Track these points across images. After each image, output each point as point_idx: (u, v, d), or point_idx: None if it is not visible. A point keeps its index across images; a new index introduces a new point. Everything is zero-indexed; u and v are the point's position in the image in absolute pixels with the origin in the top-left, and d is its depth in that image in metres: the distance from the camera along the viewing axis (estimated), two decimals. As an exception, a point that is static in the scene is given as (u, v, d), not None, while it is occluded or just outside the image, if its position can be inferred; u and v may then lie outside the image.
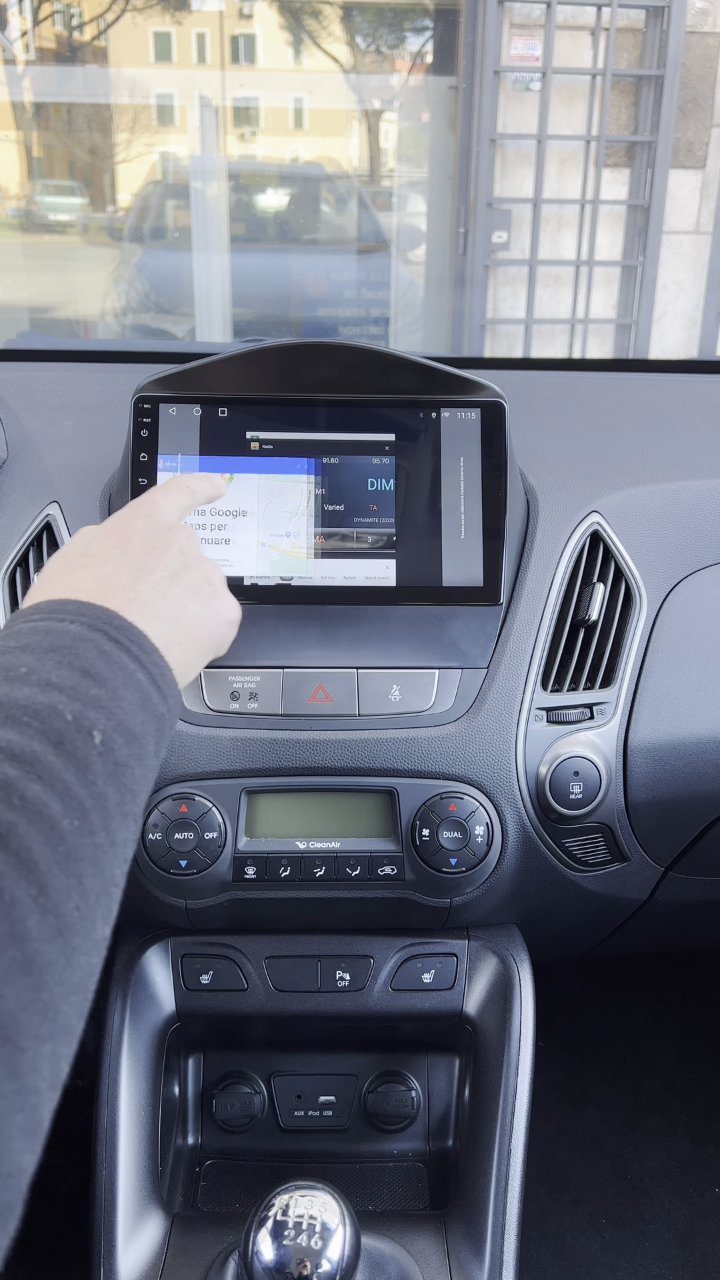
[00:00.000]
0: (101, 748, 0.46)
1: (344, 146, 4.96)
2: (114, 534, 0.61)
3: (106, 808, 0.45)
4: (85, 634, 0.51)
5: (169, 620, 0.57)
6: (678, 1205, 1.33)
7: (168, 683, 0.54)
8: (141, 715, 0.50)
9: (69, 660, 0.49)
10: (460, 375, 0.91)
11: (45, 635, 0.50)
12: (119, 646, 0.52)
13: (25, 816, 0.41)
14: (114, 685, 0.49)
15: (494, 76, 4.02)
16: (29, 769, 0.43)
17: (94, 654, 0.50)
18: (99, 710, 0.47)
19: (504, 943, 0.96)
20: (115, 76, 4.82)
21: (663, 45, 4.03)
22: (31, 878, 0.40)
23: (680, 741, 0.88)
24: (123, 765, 0.47)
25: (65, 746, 0.45)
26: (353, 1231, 0.72)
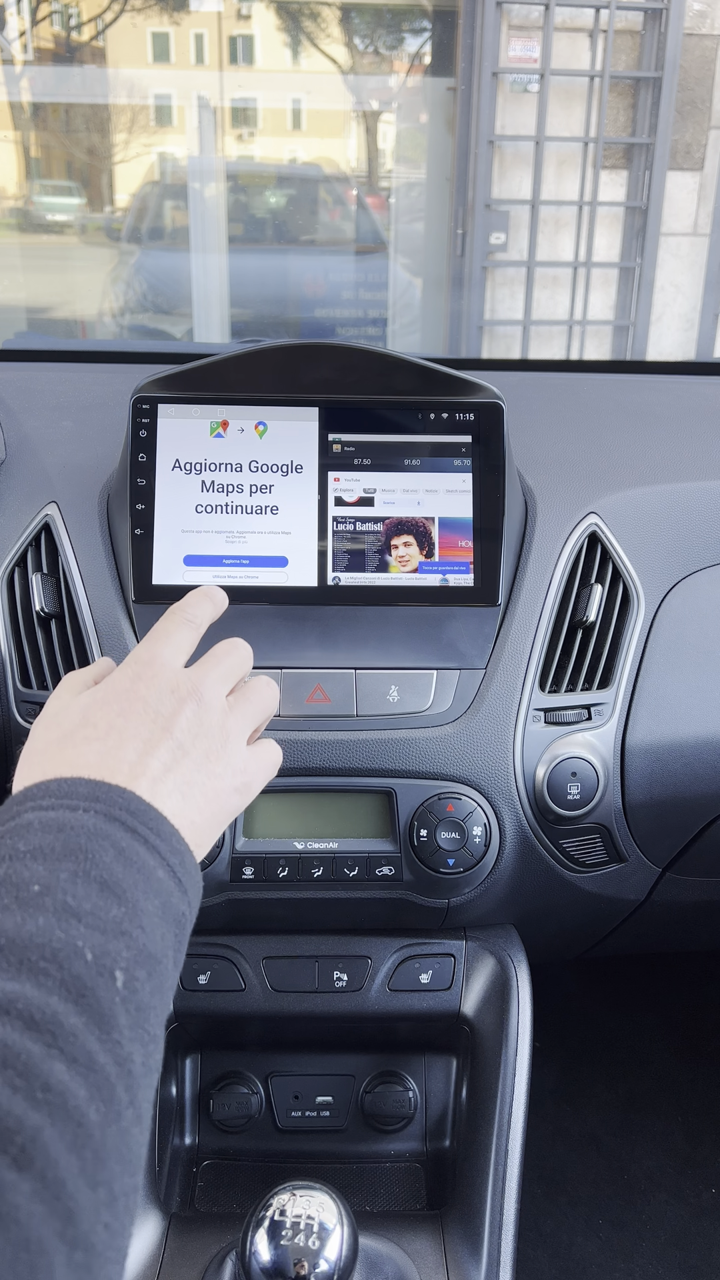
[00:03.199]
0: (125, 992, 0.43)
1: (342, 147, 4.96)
2: (115, 699, 0.56)
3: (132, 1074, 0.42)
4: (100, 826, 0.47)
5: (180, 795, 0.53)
6: (674, 1206, 1.33)
7: (188, 872, 0.50)
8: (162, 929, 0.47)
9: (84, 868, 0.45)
10: (458, 376, 0.91)
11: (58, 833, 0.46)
12: (136, 839, 0.48)
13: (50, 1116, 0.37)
14: (134, 897, 0.46)
15: (492, 78, 4.02)
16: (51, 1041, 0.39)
17: (111, 856, 0.46)
18: (120, 938, 0.44)
19: (501, 943, 0.96)
20: (113, 77, 4.82)
21: (661, 47, 4.03)
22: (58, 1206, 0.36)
23: (678, 742, 0.88)
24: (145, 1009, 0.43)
25: (87, 999, 0.41)
26: (350, 1231, 0.72)
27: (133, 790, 0.50)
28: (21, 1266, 0.34)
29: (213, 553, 0.88)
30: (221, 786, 0.57)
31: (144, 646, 0.61)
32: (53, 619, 0.87)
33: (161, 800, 0.51)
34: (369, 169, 4.92)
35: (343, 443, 0.90)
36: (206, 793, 0.55)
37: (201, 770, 0.55)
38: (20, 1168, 0.36)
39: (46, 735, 0.56)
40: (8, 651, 0.86)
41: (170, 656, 0.60)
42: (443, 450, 0.91)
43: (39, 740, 0.56)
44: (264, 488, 0.89)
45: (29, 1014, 0.39)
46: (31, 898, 0.43)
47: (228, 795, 0.57)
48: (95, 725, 0.55)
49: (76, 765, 0.52)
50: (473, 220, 4.19)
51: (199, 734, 0.57)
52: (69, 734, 0.55)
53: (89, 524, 0.91)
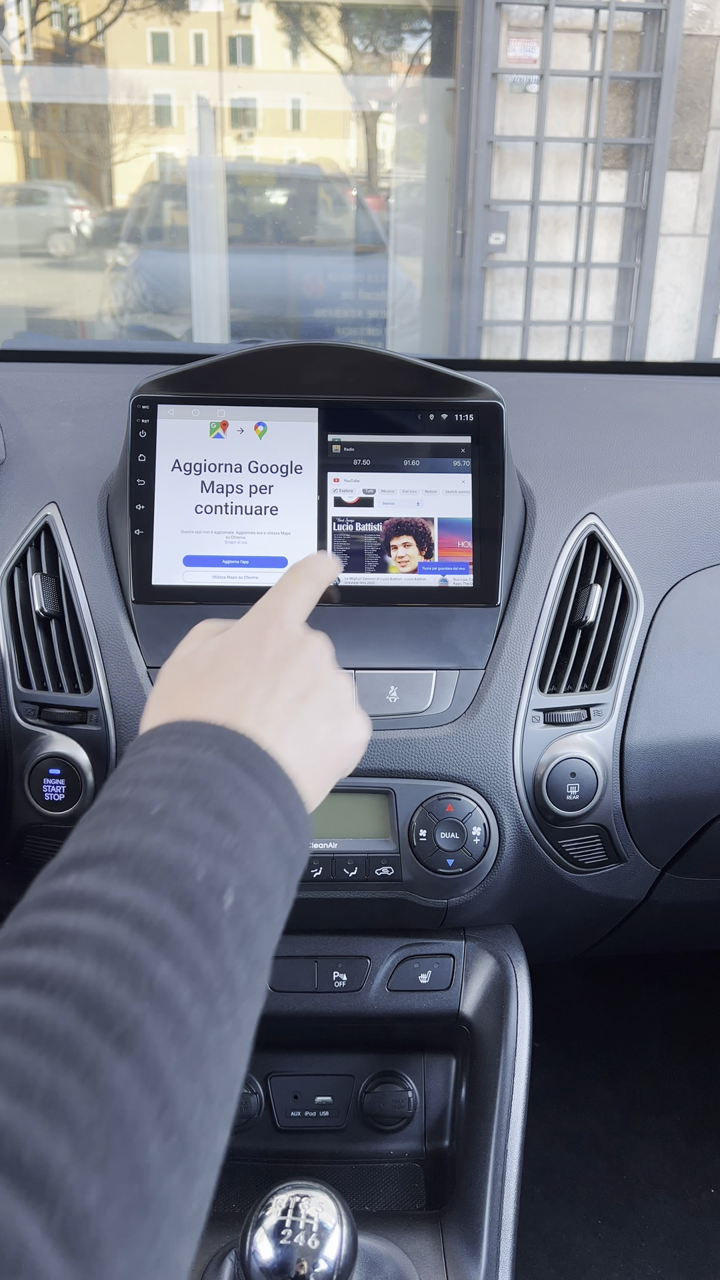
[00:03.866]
0: (232, 913, 0.43)
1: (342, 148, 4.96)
2: (245, 645, 0.58)
3: (235, 987, 0.42)
4: (220, 764, 0.48)
5: (301, 746, 0.54)
6: (674, 1206, 1.33)
7: (302, 821, 0.51)
8: (273, 863, 0.47)
9: (202, 799, 0.46)
10: (458, 377, 0.91)
11: (180, 765, 0.48)
12: (255, 780, 0.49)
13: (153, 1007, 0.38)
14: (248, 830, 0.47)
15: (492, 78, 4.02)
16: (159, 943, 0.40)
17: (229, 791, 0.47)
18: (232, 863, 0.45)
19: (501, 943, 0.96)
20: (113, 77, 4.82)
21: (660, 48, 4.04)
22: (156, 1091, 0.36)
23: (677, 743, 0.88)
24: (251, 933, 0.44)
25: (196, 912, 0.42)
26: (349, 1231, 0.72)
27: (255, 737, 0.51)
28: (116, 1142, 0.34)
29: (212, 553, 0.88)
30: (341, 741, 0.58)
31: (270, 598, 0.62)
32: (52, 619, 0.87)
33: (283, 749, 0.52)
34: (368, 169, 4.92)
35: (342, 443, 0.90)
36: (325, 747, 0.56)
37: (324, 724, 0.57)
38: (120, 1051, 0.36)
39: (176, 678, 0.57)
40: (7, 652, 0.87)
41: (294, 610, 0.61)
42: (442, 451, 0.91)
43: (169, 683, 0.57)
44: (263, 488, 0.89)
45: (139, 916, 0.40)
46: (151, 819, 0.45)
47: (345, 750, 0.59)
48: (224, 670, 0.56)
49: (205, 707, 0.53)
50: (472, 221, 4.19)
51: (321, 689, 0.58)
52: (198, 677, 0.56)
53: (89, 524, 0.91)
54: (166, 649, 0.86)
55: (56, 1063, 0.35)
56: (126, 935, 0.39)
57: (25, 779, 0.84)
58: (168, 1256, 0.35)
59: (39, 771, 0.83)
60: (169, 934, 0.40)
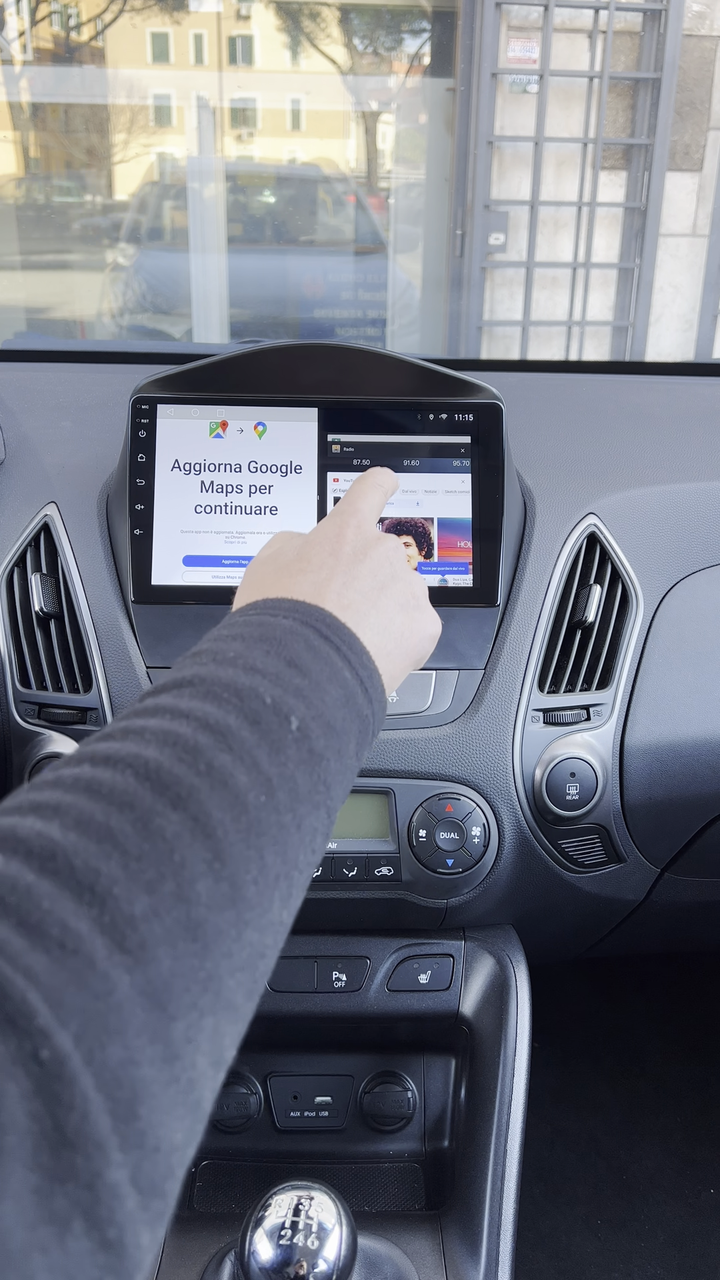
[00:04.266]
0: (298, 734, 0.46)
1: (341, 148, 4.96)
2: (327, 540, 0.61)
3: (296, 790, 0.44)
4: (296, 628, 0.51)
5: (378, 630, 0.57)
6: (673, 1206, 1.33)
7: (375, 687, 0.53)
8: (344, 712, 0.50)
9: (276, 650, 0.49)
10: (457, 377, 0.91)
11: (257, 627, 0.51)
12: (329, 643, 0.52)
13: (210, 783, 0.41)
14: (318, 678, 0.49)
15: (491, 78, 4.02)
16: (221, 739, 0.43)
17: (302, 647, 0.50)
18: (300, 699, 0.47)
19: (500, 943, 0.96)
20: (113, 77, 4.82)
21: (660, 48, 4.04)
22: (209, 843, 0.39)
23: (676, 743, 0.88)
24: (318, 755, 0.46)
25: (261, 726, 0.44)
26: (349, 1232, 0.72)
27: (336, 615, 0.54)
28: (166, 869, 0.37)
29: (212, 553, 0.88)
30: (416, 630, 0.61)
31: (346, 501, 0.65)
32: (52, 619, 0.87)
33: (361, 630, 0.55)
34: (368, 169, 4.92)
35: (342, 443, 0.90)
36: (403, 633, 0.59)
37: (400, 613, 0.60)
38: (174, 806, 0.39)
39: (263, 569, 0.60)
40: (7, 652, 0.86)
41: (368, 511, 0.65)
42: (442, 451, 0.91)
43: (255, 573, 0.60)
44: (263, 488, 0.89)
45: (205, 720, 0.43)
46: (225, 659, 0.48)
47: (419, 640, 0.61)
48: (309, 560, 0.59)
49: (290, 590, 0.56)
50: (472, 221, 4.19)
51: (398, 581, 0.61)
52: (284, 567, 0.59)
53: (88, 524, 0.91)
54: (166, 649, 0.86)
55: (112, 809, 0.38)
56: (191, 731, 0.42)
57: (25, 779, 0.84)
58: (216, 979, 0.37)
59: (38, 771, 0.83)
60: (232, 734, 0.43)
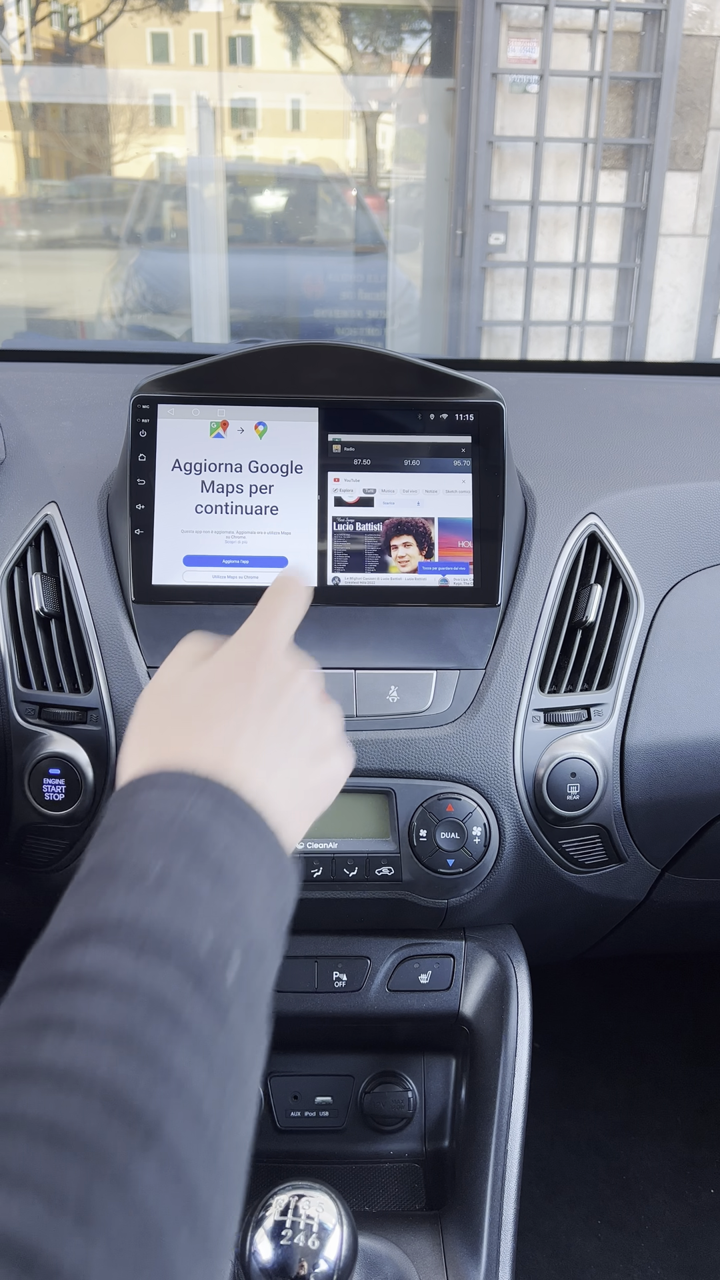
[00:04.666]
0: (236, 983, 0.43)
1: (341, 148, 4.96)
2: (237, 679, 0.56)
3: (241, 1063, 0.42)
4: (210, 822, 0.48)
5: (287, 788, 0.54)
6: (673, 1207, 1.33)
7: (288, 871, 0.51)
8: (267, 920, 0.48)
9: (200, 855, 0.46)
10: (458, 377, 0.91)
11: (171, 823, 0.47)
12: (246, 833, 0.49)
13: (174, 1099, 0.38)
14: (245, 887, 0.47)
15: (491, 79, 4.02)
16: (173, 1025, 0.40)
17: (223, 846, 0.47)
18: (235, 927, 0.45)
19: (501, 944, 0.96)
20: (113, 77, 4.82)
21: (660, 48, 4.04)
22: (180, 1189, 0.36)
23: (677, 743, 0.88)
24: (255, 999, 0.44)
25: (205, 987, 0.42)
26: (350, 1232, 0.72)
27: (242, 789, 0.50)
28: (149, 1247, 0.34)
29: (213, 553, 0.88)
30: (324, 780, 0.58)
31: (255, 625, 0.60)
32: (52, 619, 0.87)
33: (269, 798, 0.51)
34: (368, 169, 4.92)
35: (342, 443, 0.90)
36: (311, 787, 0.56)
37: (311, 763, 0.56)
38: (147, 1149, 0.36)
39: (161, 713, 0.56)
40: (7, 652, 0.86)
41: (280, 637, 0.60)
42: (442, 451, 0.91)
43: (153, 715, 0.56)
44: (264, 488, 0.89)
45: (153, 996, 0.40)
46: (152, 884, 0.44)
47: (326, 789, 0.58)
48: (217, 707, 0.54)
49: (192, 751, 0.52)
50: (472, 221, 4.19)
51: (309, 727, 0.57)
52: (184, 715, 0.55)
53: (89, 524, 0.91)
54: (167, 648, 0.86)
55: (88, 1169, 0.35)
56: (142, 1020, 0.39)
57: (25, 779, 0.84)
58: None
59: (39, 771, 0.83)
60: (182, 1013, 0.40)
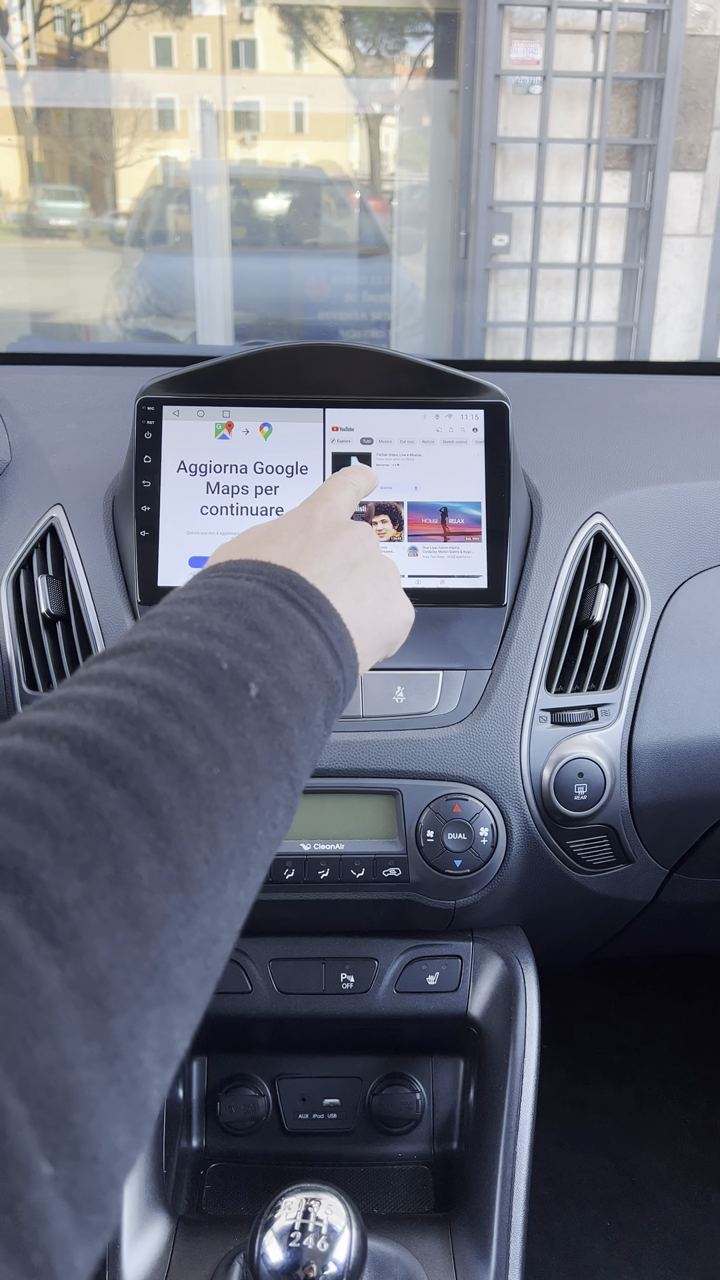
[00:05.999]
0: (257, 700, 0.42)
1: (345, 151, 4.96)
2: (297, 519, 0.58)
3: (255, 761, 0.41)
4: (260, 590, 0.48)
5: (351, 601, 0.53)
6: (683, 1208, 1.32)
7: (347, 651, 0.50)
8: (310, 678, 0.46)
9: (236, 613, 0.46)
10: (463, 376, 0.91)
11: (218, 590, 0.48)
12: (295, 605, 0.48)
13: (155, 755, 0.37)
14: (282, 641, 0.46)
15: (494, 80, 4.02)
16: (169, 708, 0.39)
17: (265, 609, 0.47)
18: (260, 664, 0.44)
19: (508, 945, 0.96)
20: (116, 81, 4.83)
21: (663, 48, 4.03)
22: (152, 821, 0.36)
23: (685, 742, 0.88)
24: (279, 723, 0.43)
25: (216, 693, 0.41)
26: (359, 1234, 0.72)
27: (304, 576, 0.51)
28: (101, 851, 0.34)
29: (218, 554, 0.88)
30: (390, 611, 0.58)
31: (318, 491, 0.62)
32: (58, 621, 0.87)
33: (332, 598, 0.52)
34: (371, 172, 4.92)
35: (347, 444, 0.90)
36: (376, 610, 0.56)
37: (374, 591, 0.57)
38: (113, 782, 0.36)
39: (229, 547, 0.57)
40: (14, 653, 0.86)
41: (340, 502, 0.62)
42: (448, 451, 0.90)
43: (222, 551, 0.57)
44: (269, 489, 0.89)
45: (153, 687, 0.40)
46: (181, 623, 0.45)
47: (394, 621, 0.58)
48: (279, 534, 0.56)
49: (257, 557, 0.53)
50: (475, 222, 4.19)
51: (371, 562, 0.58)
52: (253, 541, 0.56)
53: (94, 526, 0.91)
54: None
55: (43, 785, 0.35)
56: (136, 700, 0.39)
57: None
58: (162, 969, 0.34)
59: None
60: (182, 703, 0.40)
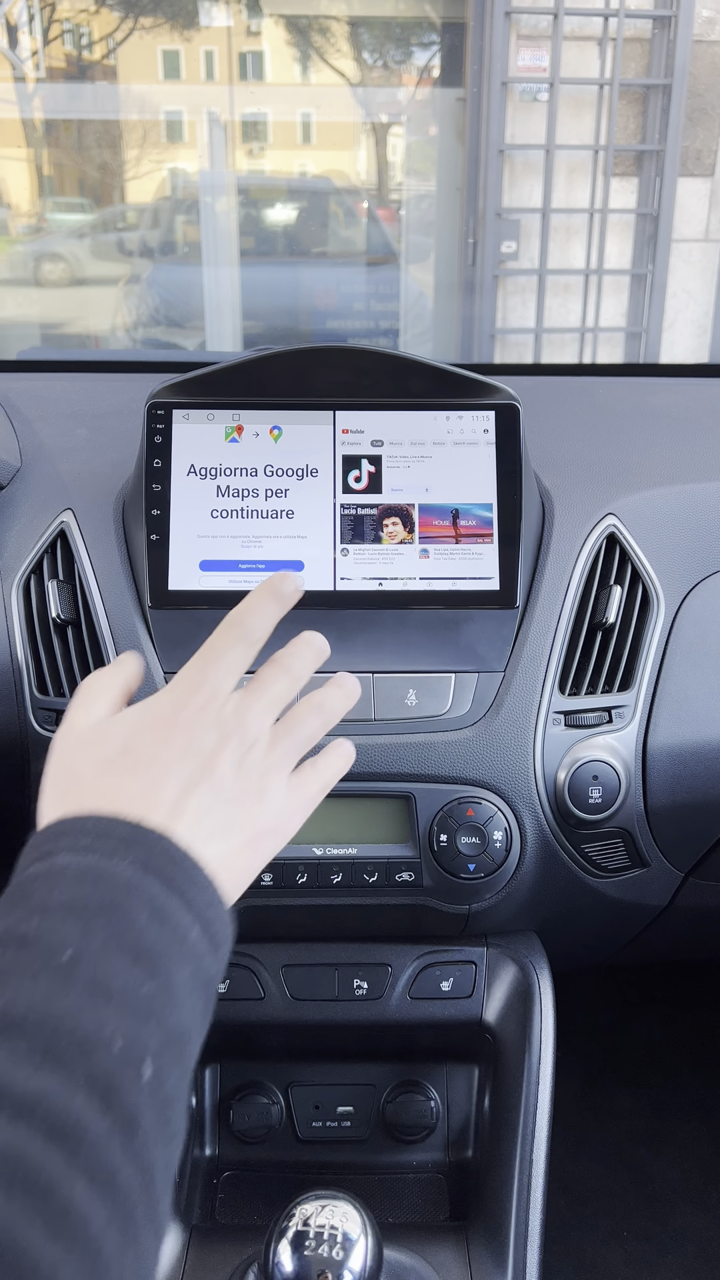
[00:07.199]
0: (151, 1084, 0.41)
1: (352, 160, 4.97)
2: (159, 727, 0.53)
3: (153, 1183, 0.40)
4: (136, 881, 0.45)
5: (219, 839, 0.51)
6: (700, 1218, 1.31)
7: (221, 931, 0.48)
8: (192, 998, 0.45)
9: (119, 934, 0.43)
10: (473, 378, 0.91)
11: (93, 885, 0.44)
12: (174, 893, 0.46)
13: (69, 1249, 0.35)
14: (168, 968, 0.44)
15: (501, 88, 4.03)
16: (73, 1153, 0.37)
17: (146, 917, 0.44)
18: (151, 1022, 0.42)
19: (523, 950, 0.95)
20: (124, 93, 4.86)
21: (670, 54, 4.03)
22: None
23: (700, 745, 0.87)
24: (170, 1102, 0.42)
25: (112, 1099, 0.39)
26: (374, 1242, 0.71)
27: (171, 835, 0.48)
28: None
29: (229, 557, 0.88)
30: (259, 829, 0.55)
31: (194, 668, 0.57)
32: (69, 625, 0.87)
33: (200, 846, 0.49)
34: (379, 181, 4.93)
35: (357, 446, 0.90)
36: (244, 836, 0.53)
37: (241, 813, 0.53)
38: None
39: (83, 755, 0.53)
40: (25, 658, 0.86)
41: (219, 681, 0.56)
42: (459, 453, 0.90)
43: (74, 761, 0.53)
44: (279, 492, 0.89)
45: (52, 1119, 0.38)
46: (61, 968, 0.42)
47: (264, 839, 0.55)
48: (138, 754, 0.52)
49: (115, 798, 0.49)
50: (484, 229, 4.19)
51: (239, 774, 0.54)
52: (109, 761, 0.52)
53: (104, 530, 0.90)
54: (183, 653, 0.86)
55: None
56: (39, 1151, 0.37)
57: (43, 786, 0.83)
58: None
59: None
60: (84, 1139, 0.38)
